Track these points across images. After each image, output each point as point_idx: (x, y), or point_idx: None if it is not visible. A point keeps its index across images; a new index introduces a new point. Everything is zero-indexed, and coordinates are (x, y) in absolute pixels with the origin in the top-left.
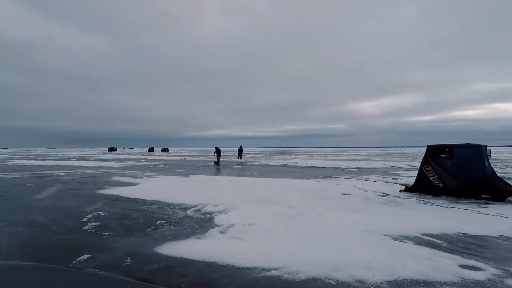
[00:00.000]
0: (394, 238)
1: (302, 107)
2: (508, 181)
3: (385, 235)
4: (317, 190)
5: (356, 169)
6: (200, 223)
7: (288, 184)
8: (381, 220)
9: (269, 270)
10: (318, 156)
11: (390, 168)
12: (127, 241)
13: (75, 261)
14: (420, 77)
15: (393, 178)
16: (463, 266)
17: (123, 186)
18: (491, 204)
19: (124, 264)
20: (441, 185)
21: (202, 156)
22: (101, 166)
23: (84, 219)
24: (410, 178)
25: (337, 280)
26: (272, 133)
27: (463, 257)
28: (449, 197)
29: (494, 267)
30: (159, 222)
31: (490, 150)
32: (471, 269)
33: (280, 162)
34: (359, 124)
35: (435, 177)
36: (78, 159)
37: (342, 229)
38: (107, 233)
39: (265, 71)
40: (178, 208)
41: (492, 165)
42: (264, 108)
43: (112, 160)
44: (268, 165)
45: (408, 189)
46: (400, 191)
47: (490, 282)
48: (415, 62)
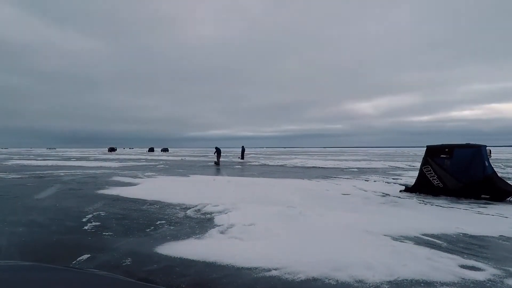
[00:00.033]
0: (394, 238)
1: (301, 107)
2: (508, 181)
3: (385, 235)
4: (317, 190)
5: (356, 169)
6: (200, 223)
7: (288, 184)
8: (381, 220)
9: (269, 270)
10: (318, 156)
11: (390, 168)
12: (127, 241)
13: (75, 261)
14: (417, 77)
15: (393, 178)
16: (463, 266)
17: (123, 186)
18: (491, 204)
19: (124, 264)
20: (441, 185)
21: (202, 156)
22: (101, 166)
23: (84, 219)
24: (410, 178)
25: (337, 280)
26: (272, 133)
27: (463, 257)
28: (449, 197)
29: (494, 267)
30: (159, 222)
31: (490, 150)
32: (471, 269)
33: (280, 162)
34: (358, 124)
35: (435, 177)
36: (78, 159)
37: (342, 229)
38: (107, 233)
39: (264, 71)
40: (178, 208)
41: (492, 165)
42: (264, 108)
43: (112, 160)
44: (268, 165)
45: (408, 189)
46: (400, 191)
47: (490, 282)
48: (412, 62)
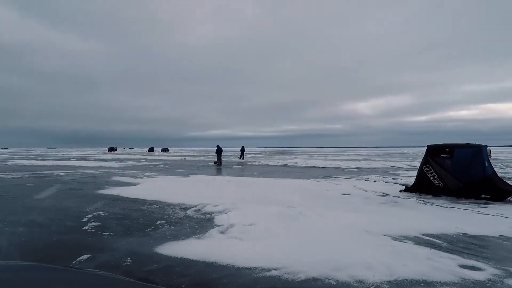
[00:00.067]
0: (394, 238)
1: (301, 107)
2: (508, 181)
3: (385, 235)
4: (317, 190)
5: (356, 169)
6: (200, 223)
7: (288, 184)
8: (381, 220)
9: (269, 270)
10: (318, 156)
11: (390, 168)
12: (127, 241)
13: (75, 261)
14: (415, 77)
15: (393, 178)
16: (463, 266)
17: (123, 186)
18: (491, 204)
19: (124, 264)
20: (441, 185)
21: (202, 156)
22: (101, 166)
23: (84, 219)
24: (410, 178)
25: (337, 280)
26: (271, 133)
27: (463, 257)
28: (449, 197)
29: (494, 267)
30: (159, 222)
31: (490, 150)
32: (471, 269)
33: (280, 162)
34: (357, 124)
35: (435, 177)
36: (78, 159)
37: (342, 229)
38: (107, 233)
39: (264, 71)
40: (178, 208)
41: (492, 165)
42: (264, 108)
43: (112, 160)
44: (268, 165)
45: (408, 189)
46: (400, 191)
47: (490, 282)
48: (411, 62)
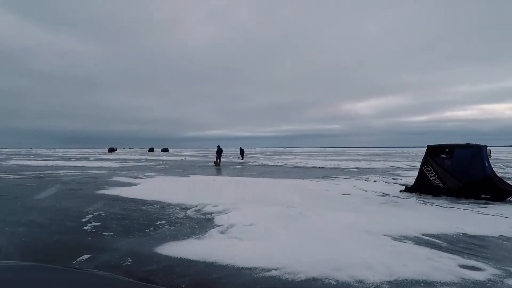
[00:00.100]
0: (394, 238)
1: (301, 107)
2: (508, 181)
3: (385, 235)
4: (317, 190)
5: (356, 169)
6: (200, 223)
7: (288, 184)
8: (381, 220)
9: (269, 270)
10: (318, 156)
11: (390, 168)
12: (127, 241)
13: (75, 261)
14: (414, 78)
15: (393, 178)
16: (463, 266)
17: (123, 186)
18: (491, 204)
19: (124, 264)
20: (441, 185)
21: (202, 156)
22: (101, 167)
23: (84, 219)
24: (410, 178)
25: (337, 280)
26: (271, 133)
27: (463, 257)
28: (449, 197)
29: (494, 267)
30: (159, 222)
31: (490, 150)
32: (471, 269)
33: (280, 162)
34: (356, 125)
35: (435, 177)
36: (78, 159)
37: (342, 229)
38: (107, 233)
39: (263, 71)
40: (178, 208)
41: (492, 165)
42: (264, 108)
43: (112, 160)
44: (268, 165)
45: (408, 189)
46: (400, 191)
47: (490, 282)
48: (408, 62)
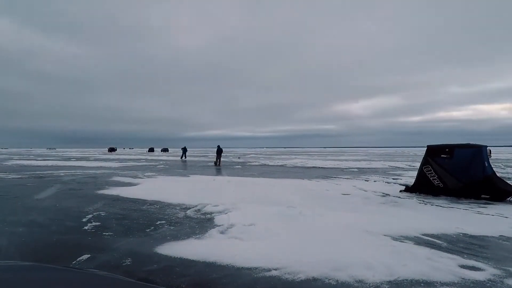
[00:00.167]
0: (394, 238)
1: (300, 107)
2: (508, 181)
3: (385, 235)
4: (317, 190)
5: (356, 169)
6: (200, 223)
7: (288, 184)
8: (381, 220)
9: (269, 270)
10: (318, 156)
11: (390, 168)
12: (127, 241)
13: (75, 261)
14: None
15: (393, 178)
16: (463, 266)
17: (123, 186)
18: (491, 204)
19: (124, 264)
20: (441, 185)
21: (202, 156)
22: (101, 166)
23: (84, 219)
24: (410, 178)
25: (337, 280)
26: (270, 133)
27: (463, 257)
28: (449, 197)
29: (494, 267)
30: (159, 222)
31: (490, 150)
32: (471, 269)
33: (280, 162)
34: (353, 125)
35: (435, 177)
36: (78, 159)
37: (342, 229)
38: (107, 233)
39: (263, 72)
40: (178, 208)
41: (492, 165)
42: (264, 108)
43: (112, 160)
44: (268, 165)
45: (408, 189)
46: (400, 191)
47: (490, 282)
48: (409, 62)
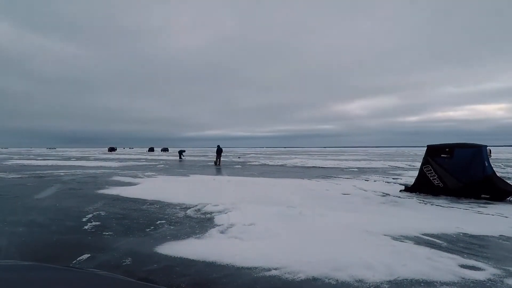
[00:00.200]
0: (394, 238)
1: (301, 107)
2: (508, 181)
3: (385, 235)
4: (317, 190)
5: (356, 169)
6: (200, 223)
7: (288, 184)
8: (381, 220)
9: (269, 270)
10: (317, 156)
11: (390, 168)
12: (127, 241)
13: (75, 261)
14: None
15: (393, 178)
16: (463, 266)
17: (123, 186)
18: (491, 204)
19: (124, 264)
20: (441, 185)
21: (202, 156)
22: (101, 166)
23: (84, 219)
24: (410, 178)
25: (337, 280)
26: (270, 133)
27: (463, 257)
28: (449, 197)
29: (494, 267)
30: (159, 222)
31: (490, 150)
32: (471, 269)
33: (280, 162)
34: (352, 125)
35: (435, 177)
36: (78, 159)
37: (342, 229)
38: (107, 233)
39: (262, 72)
40: (178, 208)
41: (492, 165)
42: (264, 109)
43: (112, 160)
44: (268, 165)
45: (408, 189)
46: (400, 191)
47: (490, 282)
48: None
